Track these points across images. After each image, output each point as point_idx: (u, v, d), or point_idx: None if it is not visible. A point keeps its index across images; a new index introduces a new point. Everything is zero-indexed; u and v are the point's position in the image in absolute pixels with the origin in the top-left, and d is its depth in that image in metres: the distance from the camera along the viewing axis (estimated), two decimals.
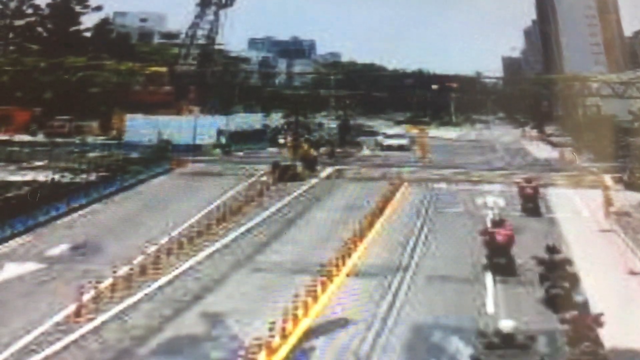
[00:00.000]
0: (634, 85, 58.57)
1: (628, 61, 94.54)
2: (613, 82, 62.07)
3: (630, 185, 36.24)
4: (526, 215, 29.25)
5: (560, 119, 79.58)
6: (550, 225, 27.61)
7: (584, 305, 14.51)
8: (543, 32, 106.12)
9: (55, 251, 22.62)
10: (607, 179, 38.63)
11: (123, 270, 19.15)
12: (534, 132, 79.72)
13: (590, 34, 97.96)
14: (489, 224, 23.53)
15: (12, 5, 75.68)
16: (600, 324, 14.06)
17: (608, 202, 30.59)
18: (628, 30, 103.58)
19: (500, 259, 20.53)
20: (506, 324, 12.70)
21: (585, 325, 13.81)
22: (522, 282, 19.63)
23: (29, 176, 34.25)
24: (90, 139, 55.10)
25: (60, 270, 20.39)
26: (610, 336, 14.37)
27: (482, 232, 22.07)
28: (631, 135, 48.50)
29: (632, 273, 21.01)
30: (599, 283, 18.78)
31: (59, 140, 53.25)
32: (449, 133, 79.32)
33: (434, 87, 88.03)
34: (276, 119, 67.21)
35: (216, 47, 70.57)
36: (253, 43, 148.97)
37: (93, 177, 33.30)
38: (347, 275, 20.14)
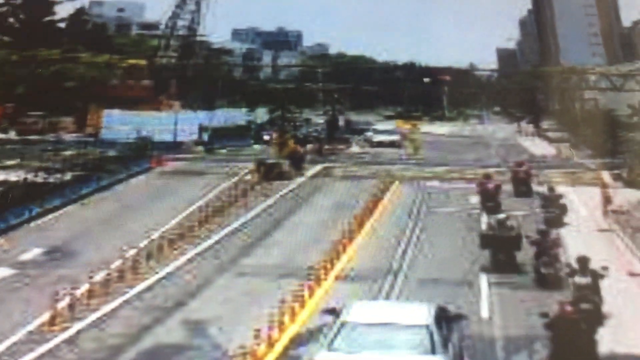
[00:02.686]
0: (633, 78, 57.67)
1: (627, 52, 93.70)
2: (611, 75, 61.26)
3: (629, 183, 36.02)
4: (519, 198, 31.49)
5: (557, 113, 79.29)
6: None
7: (547, 231, 20.80)
8: (539, 22, 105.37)
9: (28, 256, 22.36)
10: (606, 176, 38.57)
11: (100, 276, 18.83)
12: (530, 127, 79.53)
13: (588, 24, 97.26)
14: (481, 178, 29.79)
15: None
16: (559, 245, 20.85)
17: (607, 201, 30.47)
18: (627, 20, 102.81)
19: (490, 203, 27.43)
20: (500, 215, 21.75)
21: (546, 245, 19.52)
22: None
23: (0, 176, 33.60)
24: (65, 137, 54.27)
25: (34, 276, 20.10)
26: (610, 339, 14.24)
27: (477, 183, 29.64)
28: (630, 131, 48.05)
29: (632, 274, 20.80)
30: None
31: (32, 137, 52.99)
32: (441, 128, 79.37)
33: (426, 80, 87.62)
34: (261, 114, 66.53)
35: (198, 38, 69.81)
36: (237, 34, 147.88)
37: (68, 176, 33.06)
38: (336, 279, 19.93)
